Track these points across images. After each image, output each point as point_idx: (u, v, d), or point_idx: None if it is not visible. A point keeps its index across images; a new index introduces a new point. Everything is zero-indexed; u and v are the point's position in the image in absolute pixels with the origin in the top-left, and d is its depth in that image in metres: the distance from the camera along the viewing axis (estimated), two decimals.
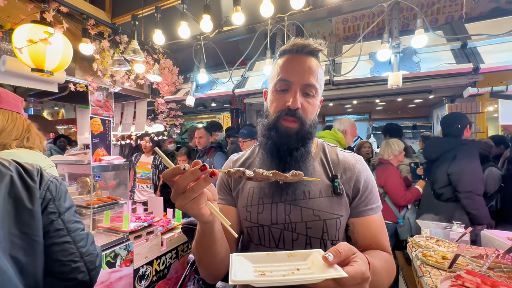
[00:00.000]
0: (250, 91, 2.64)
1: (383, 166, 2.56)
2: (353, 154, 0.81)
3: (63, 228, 0.64)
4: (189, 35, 2.16)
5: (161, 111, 3.18)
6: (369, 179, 0.76)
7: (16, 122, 1.03)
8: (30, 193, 0.60)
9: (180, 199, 0.48)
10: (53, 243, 0.62)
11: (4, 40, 1.89)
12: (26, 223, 0.58)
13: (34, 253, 0.58)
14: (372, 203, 0.74)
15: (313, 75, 0.71)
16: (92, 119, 1.92)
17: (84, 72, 2.45)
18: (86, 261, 0.67)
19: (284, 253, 0.55)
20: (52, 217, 0.63)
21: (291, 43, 0.74)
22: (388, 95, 3.69)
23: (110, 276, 1.65)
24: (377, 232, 0.72)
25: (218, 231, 0.61)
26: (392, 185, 2.43)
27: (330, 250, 0.48)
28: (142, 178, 3.41)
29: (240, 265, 0.50)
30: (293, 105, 0.68)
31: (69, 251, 0.64)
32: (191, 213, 0.51)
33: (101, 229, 1.90)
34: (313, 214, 0.70)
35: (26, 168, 0.63)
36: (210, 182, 0.48)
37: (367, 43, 2.33)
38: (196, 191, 0.48)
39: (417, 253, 1.42)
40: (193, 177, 0.47)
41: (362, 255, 0.50)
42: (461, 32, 2.08)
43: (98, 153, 1.91)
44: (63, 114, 6.58)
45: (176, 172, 0.48)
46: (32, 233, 0.58)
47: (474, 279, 1.03)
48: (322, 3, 2.13)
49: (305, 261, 0.53)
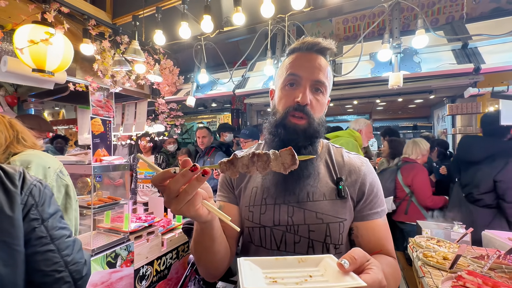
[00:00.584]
0: (251, 91, 2.64)
1: (409, 165, 2.45)
2: (358, 156, 0.79)
3: (46, 236, 0.60)
4: (189, 35, 2.16)
5: (162, 112, 3.18)
6: (375, 182, 0.75)
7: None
8: (10, 198, 0.56)
9: (174, 204, 0.46)
10: (35, 252, 0.58)
11: (5, 40, 1.89)
12: (5, 230, 0.54)
13: (14, 263, 0.54)
14: (377, 206, 0.73)
15: (322, 72, 0.70)
16: (93, 120, 1.92)
17: (84, 73, 2.46)
18: (72, 271, 0.62)
19: (295, 258, 0.53)
20: (34, 224, 0.58)
21: (301, 41, 0.73)
22: (388, 95, 3.69)
23: (111, 276, 1.65)
24: (382, 237, 0.71)
25: (217, 230, 0.60)
26: (420, 185, 2.34)
27: (345, 257, 0.46)
28: (146, 178, 3.41)
29: (249, 271, 0.48)
30: (302, 101, 0.67)
31: (52, 260, 0.60)
32: (188, 215, 0.49)
33: (101, 230, 1.91)
34: (316, 217, 0.69)
35: (7, 171, 0.59)
36: (203, 182, 0.46)
37: (368, 43, 2.33)
38: (190, 193, 0.45)
39: (418, 254, 1.42)
40: (185, 179, 0.44)
41: (376, 262, 0.49)
42: (462, 32, 2.08)
43: (98, 153, 1.91)
44: (64, 115, 6.58)
45: (166, 176, 0.45)
46: (11, 241, 0.54)
47: (476, 280, 1.03)
48: (323, 4, 2.13)
49: (316, 267, 0.51)
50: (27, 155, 0.91)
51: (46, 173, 0.90)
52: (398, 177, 2.48)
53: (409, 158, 2.51)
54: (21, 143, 0.98)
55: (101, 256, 1.60)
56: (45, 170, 0.90)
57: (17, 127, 1.00)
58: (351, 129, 2.39)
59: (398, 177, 2.48)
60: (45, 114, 6.27)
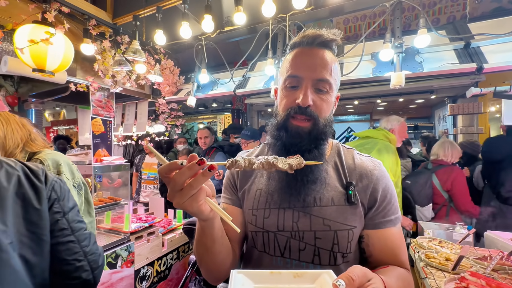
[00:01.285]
0: (252, 91, 2.64)
1: (447, 168, 2.23)
2: (371, 159, 0.74)
3: (68, 228, 0.65)
4: (190, 35, 2.16)
5: (162, 112, 3.18)
6: (388, 187, 0.69)
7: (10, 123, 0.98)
8: (38, 193, 0.61)
9: (178, 197, 0.46)
10: (58, 243, 0.62)
11: (5, 40, 1.89)
12: (34, 222, 0.58)
13: (42, 252, 0.59)
14: (391, 214, 0.67)
15: (326, 69, 0.64)
16: (94, 120, 1.92)
17: (85, 73, 2.45)
18: (90, 260, 0.68)
19: (290, 272, 0.50)
20: (57, 216, 0.63)
21: (301, 35, 0.68)
22: (389, 95, 3.68)
23: (111, 277, 1.65)
24: (395, 246, 0.66)
25: (218, 229, 0.59)
26: (460, 190, 2.15)
27: (342, 277, 0.42)
28: (149, 179, 3.41)
29: (240, 286, 0.47)
30: (303, 103, 0.62)
31: (73, 250, 0.65)
32: (190, 211, 0.48)
33: (102, 230, 1.90)
34: (323, 224, 0.65)
35: (32, 168, 0.64)
36: (209, 177, 0.46)
37: (369, 43, 2.32)
38: (194, 187, 0.45)
39: (420, 255, 1.41)
40: (191, 173, 0.44)
41: (379, 283, 0.45)
42: (464, 31, 2.07)
43: (99, 153, 1.90)
44: (64, 115, 6.59)
45: (172, 167, 0.45)
46: (40, 232, 0.59)
47: (479, 281, 1.02)
48: (324, 3, 2.13)
49: (313, 283, 0.48)
50: (51, 154, 0.96)
51: (72, 169, 0.97)
52: (434, 182, 2.25)
53: (444, 160, 2.30)
54: (35, 142, 1.02)
55: None
56: (70, 166, 0.96)
57: (28, 127, 1.04)
58: (385, 131, 2.11)
59: (434, 182, 2.25)
60: (45, 114, 6.28)
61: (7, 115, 1.00)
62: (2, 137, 0.92)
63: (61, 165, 0.93)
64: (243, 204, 0.76)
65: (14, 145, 0.94)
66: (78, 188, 0.92)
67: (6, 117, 0.99)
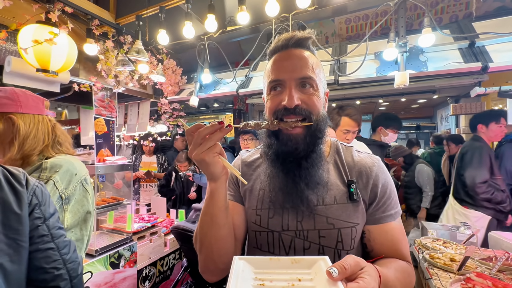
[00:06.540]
0: (254, 91, 2.63)
1: None
2: (369, 155, 0.75)
3: (48, 234, 0.62)
4: (193, 35, 2.16)
5: (164, 112, 3.18)
6: (387, 182, 0.70)
7: (39, 125, 0.96)
8: (18, 197, 0.58)
9: (198, 148, 0.55)
10: (37, 249, 0.60)
11: (9, 40, 1.90)
12: (13, 228, 0.56)
13: (20, 259, 0.56)
14: (391, 209, 0.69)
15: (306, 67, 0.63)
16: (96, 120, 1.92)
17: (88, 73, 2.46)
18: (69, 269, 0.65)
19: (288, 258, 0.53)
20: (37, 222, 0.61)
21: (276, 40, 0.69)
22: (392, 95, 3.67)
23: (114, 277, 1.65)
24: (396, 240, 0.67)
25: (224, 197, 0.63)
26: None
27: (335, 265, 0.45)
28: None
29: (241, 272, 0.49)
30: (289, 104, 0.61)
31: (52, 257, 0.62)
32: (207, 160, 0.56)
33: (104, 230, 1.90)
34: (327, 222, 0.66)
35: (12, 172, 0.61)
36: (226, 133, 0.56)
37: (372, 43, 2.31)
38: (213, 139, 0.55)
39: (424, 255, 1.40)
40: (212, 129, 0.54)
41: (371, 270, 0.48)
42: (468, 31, 2.06)
43: (102, 153, 1.91)
44: (66, 115, 6.60)
45: (198, 126, 0.56)
46: (19, 238, 0.56)
47: (485, 282, 1.01)
48: (328, 2, 2.12)
49: (309, 269, 0.51)
50: (60, 159, 0.93)
51: (71, 179, 0.90)
52: None
53: None
54: (56, 148, 0.99)
55: (105, 256, 1.60)
56: (71, 177, 0.91)
57: (57, 131, 1.02)
58: None
59: None
60: None
61: (41, 119, 0.97)
62: (23, 136, 0.90)
63: (58, 172, 0.87)
64: (246, 203, 0.76)
65: (32, 147, 0.92)
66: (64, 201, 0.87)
67: (39, 120, 0.97)
